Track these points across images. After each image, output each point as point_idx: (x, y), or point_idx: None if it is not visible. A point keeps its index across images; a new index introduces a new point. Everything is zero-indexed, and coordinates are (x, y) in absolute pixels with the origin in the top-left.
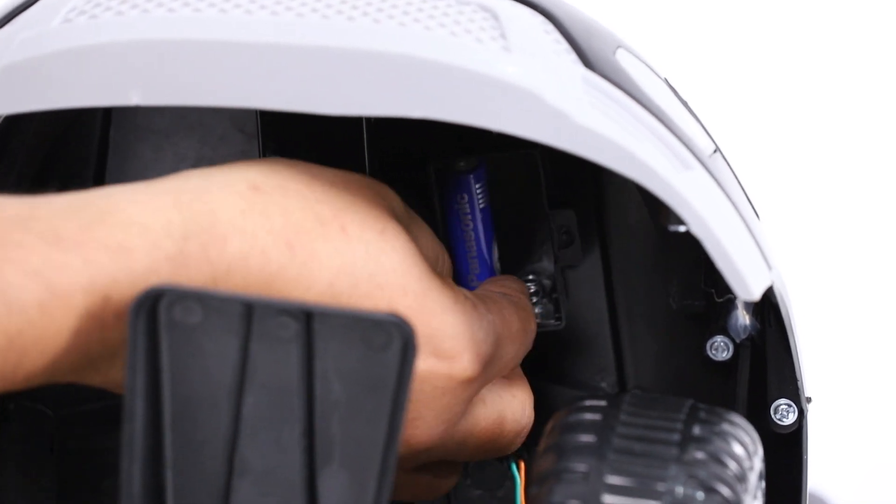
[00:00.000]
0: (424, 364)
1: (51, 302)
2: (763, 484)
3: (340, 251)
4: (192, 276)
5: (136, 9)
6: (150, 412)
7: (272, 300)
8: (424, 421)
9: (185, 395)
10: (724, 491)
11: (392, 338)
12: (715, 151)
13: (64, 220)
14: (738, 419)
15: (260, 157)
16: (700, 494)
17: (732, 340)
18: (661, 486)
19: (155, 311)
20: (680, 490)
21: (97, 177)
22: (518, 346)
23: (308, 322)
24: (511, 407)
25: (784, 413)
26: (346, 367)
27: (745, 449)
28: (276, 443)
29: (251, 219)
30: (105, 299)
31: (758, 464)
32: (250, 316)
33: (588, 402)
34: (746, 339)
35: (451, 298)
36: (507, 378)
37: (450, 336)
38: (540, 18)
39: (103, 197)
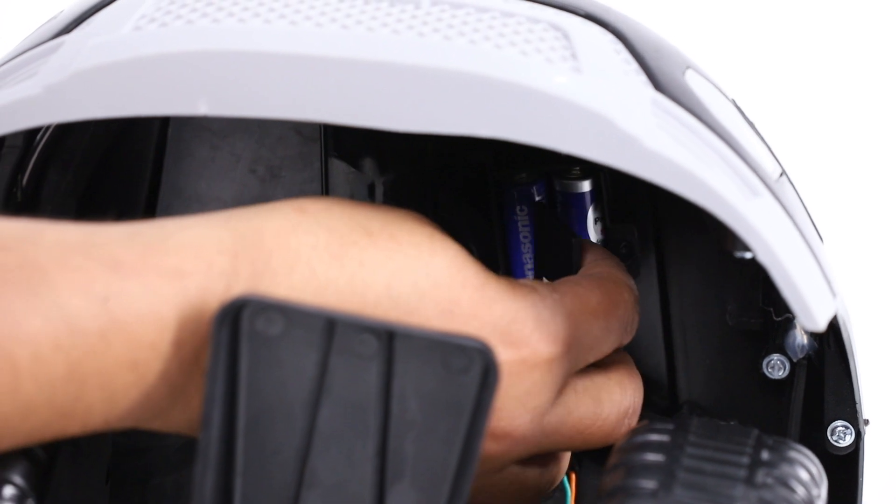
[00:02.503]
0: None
1: (111, 330)
2: None
3: (392, 257)
4: (243, 289)
5: (207, 18)
6: (225, 419)
7: (355, 317)
8: (507, 410)
9: (260, 405)
10: None
11: (473, 362)
12: (781, 175)
13: (123, 247)
14: (804, 449)
15: (322, 160)
16: None
17: (789, 359)
18: None
19: (237, 320)
20: None
21: (154, 175)
22: (604, 321)
23: (389, 341)
24: (607, 387)
25: (841, 435)
26: (425, 387)
27: (811, 477)
28: (348, 457)
29: (296, 236)
30: (162, 329)
31: (824, 493)
32: (332, 331)
33: (656, 425)
34: (803, 358)
35: (508, 286)
36: (605, 363)
37: (513, 320)
38: (610, 37)
39: (157, 225)
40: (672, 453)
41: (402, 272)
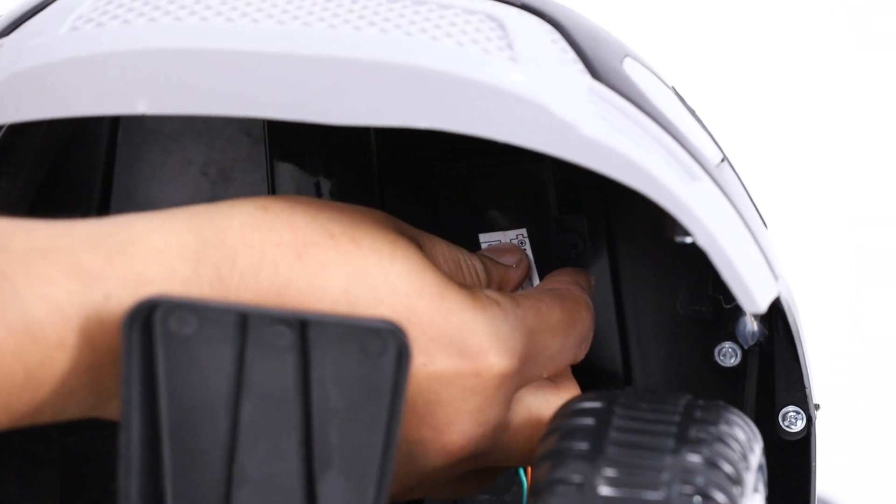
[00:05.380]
0: (449, 363)
1: (71, 338)
2: (764, 475)
3: (352, 260)
4: (206, 294)
5: (143, 17)
6: (147, 423)
7: (267, 310)
8: (460, 424)
9: (182, 406)
10: (720, 497)
11: (388, 344)
12: (723, 160)
13: (88, 252)
14: (735, 415)
15: (266, 161)
16: (697, 499)
17: (741, 346)
18: (654, 495)
19: (150, 322)
20: (675, 495)
21: (105, 180)
22: (562, 338)
23: (303, 330)
24: (555, 402)
25: (792, 420)
26: (343, 374)
27: (741, 447)
28: (275, 451)
29: (259, 234)
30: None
31: (758, 450)
32: (245, 325)
33: (589, 394)
34: (755, 345)
35: (469, 297)
36: (555, 380)
37: (472, 332)
38: (547, 27)
39: (124, 226)
40: (603, 416)
41: (361, 276)
